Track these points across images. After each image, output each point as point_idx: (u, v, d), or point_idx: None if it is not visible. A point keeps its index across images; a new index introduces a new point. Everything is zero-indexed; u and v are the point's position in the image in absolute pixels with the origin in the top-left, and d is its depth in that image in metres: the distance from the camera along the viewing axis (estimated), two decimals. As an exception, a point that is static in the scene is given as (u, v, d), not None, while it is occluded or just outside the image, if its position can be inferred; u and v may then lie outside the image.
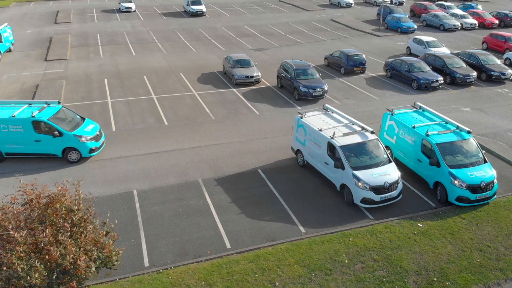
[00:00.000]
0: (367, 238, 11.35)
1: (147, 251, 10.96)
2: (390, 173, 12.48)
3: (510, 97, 21.48)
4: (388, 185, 12.25)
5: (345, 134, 13.17)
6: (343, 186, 12.79)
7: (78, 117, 16.13)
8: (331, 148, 13.03)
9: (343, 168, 12.58)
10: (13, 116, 14.72)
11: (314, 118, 14.47)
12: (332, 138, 13.01)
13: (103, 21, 39.22)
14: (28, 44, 31.05)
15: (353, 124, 13.85)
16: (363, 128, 13.48)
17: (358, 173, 12.32)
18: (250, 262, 10.45)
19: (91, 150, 15.27)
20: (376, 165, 12.67)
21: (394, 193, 12.44)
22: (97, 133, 15.69)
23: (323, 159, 13.49)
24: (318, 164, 13.85)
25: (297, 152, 14.99)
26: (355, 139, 12.99)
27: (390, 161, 12.92)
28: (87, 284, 9.67)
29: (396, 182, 12.48)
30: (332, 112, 14.89)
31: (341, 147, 12.70)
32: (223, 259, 10.61)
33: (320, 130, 13.53)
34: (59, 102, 15.92)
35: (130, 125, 18.36)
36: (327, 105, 15.19)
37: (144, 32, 35.01)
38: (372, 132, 13.26)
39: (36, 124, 14.79)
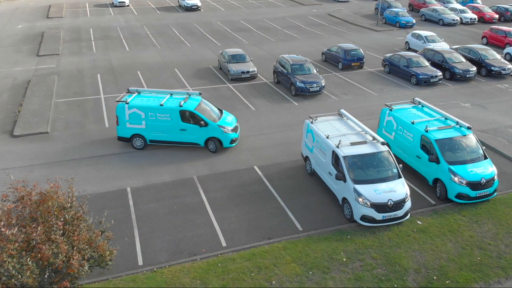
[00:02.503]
0: (366, 235, 11.16)
1: (141, 249, 10.78)
2: (396, 190, 11.39)
3: (510, 93, 21.31)
4: (392, 203, 11.19)
5: (352, 144, 12.17)
6: (344, 200, 11.89)
7: (216, 108, 16.18)
8: (336, 157, 12.12)
9: (344, 180, 11.67)
10: (161, 105, 14.82)
11: (324, 124, 13.53)
12: (337, 147, 12.11)
13: (96, 15, 38.72)
14: (19, 39, 30.57)
15: (365, 133, 12.82)
16: (374, 138, 12.45)
17: (359, 187, 11.35)
18: (246, 261, 10.27)
19: (232, 141, 15.45)
20: (383, 180, 11.62)
21: (399, 212, 11.32)
22: (236, 124, 15.75)
23: (327, 168, 12.58)
24: (323, 174, 13.06)
25: (306, 159, 14.11)
26: (362, 149, 12.00)
27: (399, 177, 11.82)
28: (80, 283, 9.46)
29: (403, 200, 11.38)
30: (347, 119, 13.85)
31: (345, 157, 11.79)
32: (218, 258, 10.42)
33: (327, 137, 12.65)
34: (199, 94, 15.97)
35: (123, 121, 18.04)
36: (342, 110, 14.30)
37: (137, 27, 34.58)
38: (383, 144, 12.20)
39: (184, 114, 14.96)
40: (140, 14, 39.54)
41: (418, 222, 11.75)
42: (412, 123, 13.60)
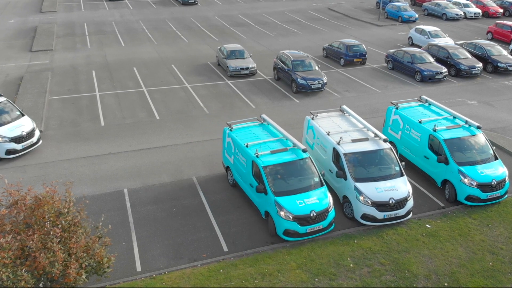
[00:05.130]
0: (373, 240, 10.80)
1: (139, 254, 10.42)
2: (398, 188, 11.21)
3: (517, 90, 21.00)
4: (394, 201, 10.99)
5: (353, 141, 11.96)
6: (345, 198, 11.65)
7: (318, 177, 11.38)
8: (336, 154, 11.88)
9: (345, 178, 11.46)
10: (246, 145, 11.73)
11: (325, 120, 13.22)
12: (338, 143, 11.88)
13: (91, 10, 38.03)
14: (11, 34, 29.91)
15: (367, 130, 12.57)
16: (376, 135, 12.21)
17: (360, 185, 11.15)
18: (249, 267, 9.91)
19: (288, 233, 10.56)
20: (384, 178, 11.42)
21: (401, 211, 11.13)
22: (313, 214, 10.51)
23: (328, 166, 12.38)
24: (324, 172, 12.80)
25: None
26: (364, 146, 11.79)
27: (402, 175, 11.64)
28: (75, 292, 9.00)
29: (405, 199, 11.18)
30: (348, 115, 13.53)
31: (346, 154, 11.58)
32: (220, 263, 10.06)
33: (328, 134, 12.38)
34: (303, 150, 11.63)
35: (119, 120, 17.57)
36: (344, 106, 13.96)
37: (133, 22, 33.92)
38: (385, 141, 11.98)
39: (254, 166, 11.30)
40: (136, 8, 38.86)
41: (427, 225, 11.38)
42: (420, 122, 13.21)
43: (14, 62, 24.20)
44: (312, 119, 13.48)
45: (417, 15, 33.82)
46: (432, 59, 22.25)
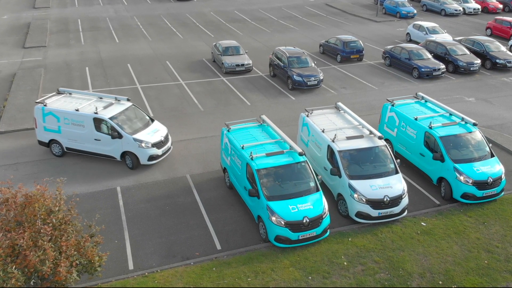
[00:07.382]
0: (367, 238, 10.71)
1: (132, 252, 10.35)
2: (393, 186, 11.14)
3: (515, 86, 20.91)
4: (388, 199, 10.92)
5: (348, 138, 11.86)
6: (339, 196, 11.56)
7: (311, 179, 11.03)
8: (331, 152, 11.79)
9: (339, 175, 11.36)
10: (245, 153, 11.21)
11: (320, 117, 13.13)
12: (333, 141, 11.80)
13: (84, 5, 37.75)
14: (4, 31, 29.65)
15: (362, 127, 12.49)
16: (371, 133, 12.11)
17: (354, 183, 11.09)
18: (242, 265, 9.85)
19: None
20: (379, 175, 11.35)
21: (396, 209, 11.07)
22: None
23: (322, 164, 12.31)
24: (318, 169, 12.62)
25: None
26: (359, 144, 11.72)
27: (397, 172, 11.55)
28: (67, 291, 8.91)
29: (400, 197, 11.10)
30: (344, 112, 13.45)
31: (340, 152, 11.51)
32: (213, 262, 9.99)
33: (323, 131, 12.29)
34: (301, 153, 11.16)
35: (113, 117, 17.41)
36: (339, 103, 13.84)
37: (128, 18, 33.67)
38: (380, 138, 11.88)
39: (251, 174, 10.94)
40: (130, 4, 38.58)
41: (422, 223, 11.30)
42: (415, 119, 13.10)
43: (6, 59, 23.97)
44: (307, 116, 13.37)
45: (415, 11, 33.65)
46: (429, 56, 22.10)
